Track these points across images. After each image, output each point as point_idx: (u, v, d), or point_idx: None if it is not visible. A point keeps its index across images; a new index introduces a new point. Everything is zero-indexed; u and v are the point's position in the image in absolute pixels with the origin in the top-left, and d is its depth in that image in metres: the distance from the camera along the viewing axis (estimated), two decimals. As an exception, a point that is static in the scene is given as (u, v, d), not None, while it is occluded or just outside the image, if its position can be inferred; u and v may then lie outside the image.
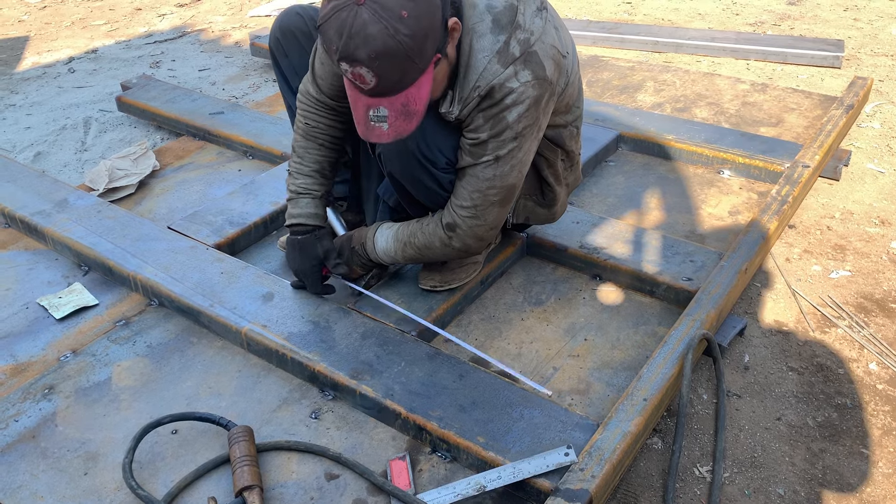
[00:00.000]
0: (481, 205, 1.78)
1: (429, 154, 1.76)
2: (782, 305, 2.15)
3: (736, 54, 3.98)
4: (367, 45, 1.44)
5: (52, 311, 2.12)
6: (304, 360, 1.85)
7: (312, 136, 1.99)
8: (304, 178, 2.01)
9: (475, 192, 1.77)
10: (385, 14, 1.43)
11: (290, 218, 2.02)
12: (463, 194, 1.79)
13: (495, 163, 1.72)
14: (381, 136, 1.60)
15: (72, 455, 1.70)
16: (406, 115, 1.56)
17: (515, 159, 1.74)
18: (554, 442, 1.59)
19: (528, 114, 1.68)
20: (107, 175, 2.77)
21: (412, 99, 1.55)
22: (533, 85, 1.65)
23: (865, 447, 1.71)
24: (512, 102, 1.65)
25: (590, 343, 2.01)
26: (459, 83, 1.66)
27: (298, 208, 2.00)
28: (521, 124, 1.68)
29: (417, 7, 1.47)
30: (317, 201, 2.02)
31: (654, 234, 2.31)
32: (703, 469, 1.67)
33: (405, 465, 1.63)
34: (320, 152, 2.01)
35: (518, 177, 1.80)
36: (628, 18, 4.75)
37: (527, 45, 1.64)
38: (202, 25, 5.06)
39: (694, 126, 2.98)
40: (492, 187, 1.76)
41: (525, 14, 1.66)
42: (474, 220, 1.81)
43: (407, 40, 1.46)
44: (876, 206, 2.60)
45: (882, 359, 1.95)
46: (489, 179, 1.75)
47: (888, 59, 3.90)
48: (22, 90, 4.03)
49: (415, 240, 1.90)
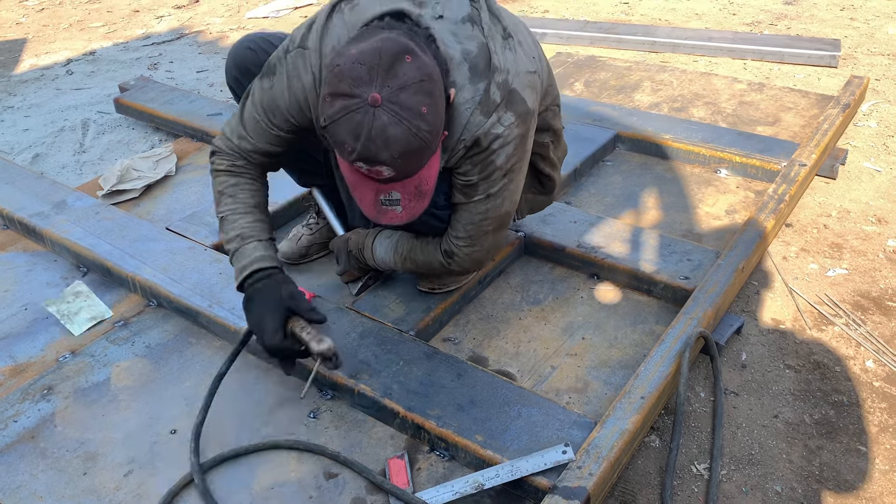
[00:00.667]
0: (476, 235, 1.79)
1: None
2: (779, 303, 2.16)
3: (733, 54, 3.99)
4: (389, 147, 1.38)
5: (67, 324, 2.07)
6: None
7: (240, 173, 1.78)
8: (242, 217, 1.74)
9: (469, 225, 1.78)
10: (405, 114, 1.38)
11: (240, 272, 1.70)
12: (458, 227, 1.80)
13: (486, 199, 1.73)
14: (394, 217, 1.55)
15: (71, 455, 1.71)
16: (419, 195, 1.53)
17: (507, 191, 1.74)
18: (552, 440, 1.60)
19: (515, 152, 1.68)
20: (118, 175, 2.78)
21: (424, 179, 1.51)
22: (517, 125, 1.64)
23: (862, 444, 1.71)
24: (499, 146, 1.63)
25: (587, 342, 2.02)
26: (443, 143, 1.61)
27: (246, 258, 1.71)
28: (510, 163, 1.68)
29: (434, 99, 1.42)
30: (266, 244, 1.74)
31: (652, 233, 2.31)
32: (701, 466, 1.67)
33: (403, 463, 1.63)
34: (253, 186, 1.79)
35: (511, 205, 1.80)
36: (625, 19, 4.76)
37: (506, 87, 1.60)
38: (200, 27, 5.06)
39: (691, 125, 2.99)
40: (485, 219, 1.77)
41: (497, 52, 1.59)
42: (471, 248, 1.82)
43: (428, 136, 1.42)
44: (872, 205, 2.61)
45: (879, 356, 1.96)
46: (482, 213, 1.75)
47: (884, 58, 3.91)
48: (20, 92, 4.04)
49: (414, 255, 1.91)
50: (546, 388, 1.87)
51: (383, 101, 1.37)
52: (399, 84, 1.38)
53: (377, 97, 1.37)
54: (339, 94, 1.39)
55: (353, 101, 1.38)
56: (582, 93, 3.46)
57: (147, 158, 2.94)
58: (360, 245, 1.99)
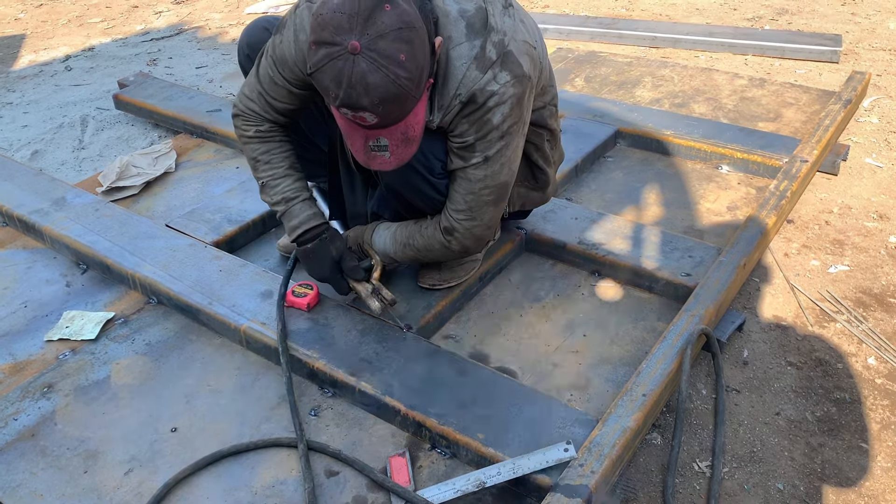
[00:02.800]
0: (476, 206, 1.79)
1: (424, 162, 1.76)
2: (781, 300, 2.15)
3: (734, 49, 3.98)
4: (369, 94, 1.43)
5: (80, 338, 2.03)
6: (304, 357, 1.85)
7: (270, 137, 1.91)
8: (282, 181, 1.91)
9: (469, 195, 1.77)
10: (384, 61, 1.42)
11: (292, 232, 1.92)
12: (457, 198, 1.79)
13: (485, 163, 1.72)
14: (383, 163, 1.60)
15: (71, 453, 1.70)
16: (406, 141, 1.57)
17: (505, 157, 1.74)
18: (553, 438, 1.59)
19: (512, 113, 1.68)
20: (117, 172, 2.77)
21: (411, 126, 1.55)
22: (513, 84, 1.65)
23: (864, 441, 1.71)
24: (495, 104, 1.65)
25: (589, 339, 2.01)
26: (438, 91, 1.66)
27: (295, 218, 1.91)
28: (507, 123, 1.69)
29: (413, 47, 1.45)
30: (309, 202, 1.93)
31: (653, 229, 2.31)
32: (703, 464, 1.67)
33: (405, 461, 1.63)
34: (283, 148, 1.93)
35: (509, 175, 1.80)
36: (626, 14, 4.74)
37: (502, 47, 1.64)
38: (199, 23, 5.04)
39: (692, 121, 2.98)
40: (484, 188, 1.76)
41: (495, 15, 1.66)
42: (471, 222, 1.82)
43: (407, 83, 1.45)
44: (874, 201, 2.60)
45: (881, 353, 1.95)
46: (481, 180, 1.75)
47: (886, 53, 3.90)
48: (19, 88, 4.02)
49: (413, 241, 1.91)
50: (547, 386, 1.86)
51: (362, 49, 1.42)
52: (377, 32, 1.42)
53: (356, 45, 1.42)
54: (322, 43, 1.44)
55: (334, 48, 1.43)
56: (582, 88, 3.45)
57: (146, 155, 2.93)
58: (358, 240, 1.99)
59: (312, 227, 1.91)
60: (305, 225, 1.91)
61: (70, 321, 2.09)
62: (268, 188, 1.93)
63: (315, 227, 1.91)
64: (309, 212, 1.92)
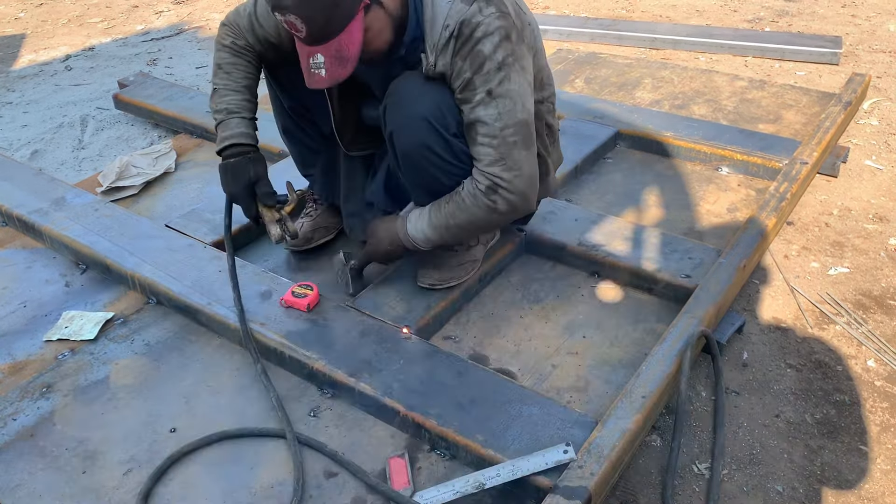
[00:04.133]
0: (505, 151, 1.76)
1: (440, 117, 1.76)
2: (781, 302, 2.15)
3: (734, 51, 3.98)
4: None
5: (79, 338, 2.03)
6: (303, 358, 1.84)
7: (242, 53, 1.96)
8: (233, 94, 1.95)
9: (493, 140, 1.75)
10: None
11: (220, 141, 1.95)
12: (484, 151, 1.77)
13: (492, 99, 1.73)
14: (319, 81, 1.68)
15: (70, 454, 1.70)
16: (340, 60, 1.64)
17: (511, 91, 1.73)
18: (553, 439, 1.59)
19: (502, 44, 1.70)
20: (116, 172, 2.77)
21: (344, 45, 1.62)
22: (498, 17, 1.69)
23: (864, 444, 1.71)
24: (483, 34, 1.68)
25: (588, 340, 2.01)
26: (428, 35, 1.72)
27: (229, 130, 1.94)
28: (500, 54, 1.70)
29: None
30: (248, 122, 1.96)
31: (653, 231, 2.31)
32: (702, 466, 1.67)
33: (404, 462, 1.63)
34: (249, 69, 1.97)
35: (525, 113, 1.78)
36: (626, 15, 4.74)
37: None
38: (199, 23, 5.04)
39: (692, 123, 2.98)
40: (505, 127, 1.74)
41: None
42: (509, 172, 1.77)
43: None
44: (874, 203, 2.60)
45: (880, 355, 1.95)
46: (497, 119, 1.73)
47: (886, 55, 3.90)
48: (18, 88, 4.02)
49: (454, 219, 1.85)
50: (547, 387, 1.86)
51: None
52: None
53: None
54: None
55: None
56: (582, 90, 3.45)
57: (146, 155, 2.93)
58: (394, 242, 1.96)
59: (240, 144, 1.94)
60: (234, 139, 1.94)
61: (69, 321, 2.09)
62: (217, 95, 1.97)
63: (243, 144, 1.94)
64: (243, 129, 1.95)
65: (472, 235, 1.98)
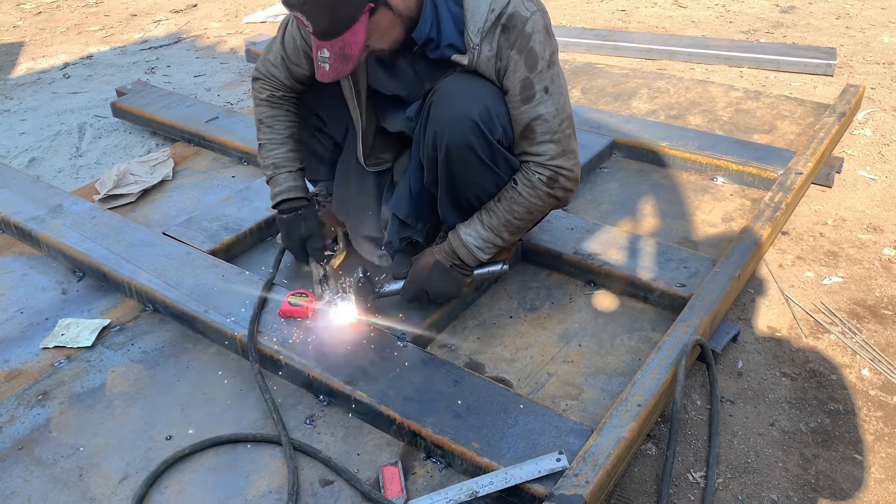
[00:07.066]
0: (565, 144, 1.85)
1: (488, 121, 1.77)
2: (775, 312, 2.16)
3: (729, 62, 4.01)
4: None
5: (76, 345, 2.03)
6: (299, 365, 1.85)
7: (280, 104, 2.06)
8: (277, 147, 2.07)
9: (554, 135, 1.82)
10: None
11: (273, 197, 2.08)
12: (544, 147, 1.83)
13: (549, 96, 1.79)
14: (323, 75, 1.72)
15: (66, 461, 1.70)
16: (342, 57, 1.68)
17: (562, 86, 1.83)
18: (548, 447, 1.59)
19: (547, 41, 1.77)
20: (114, 180, 2.77)
21: (348, 44, 1.66)
22: (541, 14, 1.76)
23: (858, 453, 1.71)
24: (531, 30, 1.73)
25: (584, 349, 2.02)
26: (470, 21, 1.73)
27: (278, 185, 2.07)
28: (548, 51, 1.77)
29: None
30: (295, 174, 2.08)
31: (648, 240, 2.32)
32: (697, 475, 1.67)
33: (397, 471, 1.63)
34: (289, 118, 2.08)
35: (569, 105, 1.88)
36: (622, 26, 4.77)
37: None
38: (197, 31, 5.06)
39: (687, 133, 2.99)
40: (562, 121, 1.83)
41: None
42: (570, 161, 1.87)
43: None
44: (868, 213, 2.62)
45: (874, 365, 1.96)
46: (555, 115, 1.81)
47: (880, 66, 3.93)
48: (16, 96, 4.03)
49: (511, 216, 1.88)
50: (542, 395, 1.87)
51: None
52: None
53: None
54: None
55: None
56: (579, 99, 3.47)
57: (144, 163, 2.94)
58: (452, 258, 1.95)
59: (290, 199, 2.07)
60: (285, 195, 2.06)
61: (66, 328, 2.09)
62: (263, 150, 2.09)
63: (293, 199, 2.07)
64: (292, 183, 2.07)
65: (525, 230, 2.00)
